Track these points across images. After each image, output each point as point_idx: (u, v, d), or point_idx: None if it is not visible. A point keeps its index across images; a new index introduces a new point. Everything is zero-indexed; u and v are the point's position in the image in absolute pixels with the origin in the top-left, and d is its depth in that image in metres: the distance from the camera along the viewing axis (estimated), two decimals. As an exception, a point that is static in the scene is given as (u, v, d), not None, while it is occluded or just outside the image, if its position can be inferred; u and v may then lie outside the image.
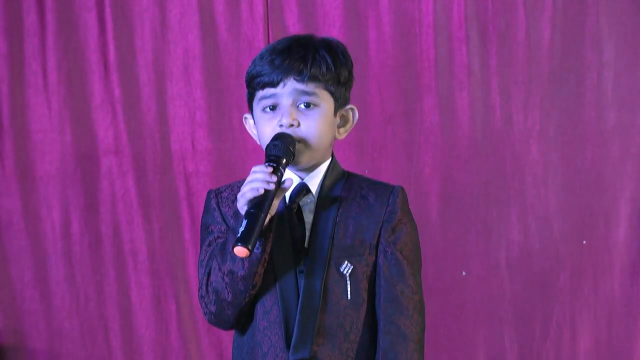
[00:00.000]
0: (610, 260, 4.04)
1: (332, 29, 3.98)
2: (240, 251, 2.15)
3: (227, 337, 3.98)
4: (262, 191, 2.19)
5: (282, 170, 2.24)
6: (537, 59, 4.02)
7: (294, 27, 4.00)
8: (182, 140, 4.00)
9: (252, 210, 2.17)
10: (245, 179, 2.33)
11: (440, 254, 4.00)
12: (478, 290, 4.04)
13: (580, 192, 4.03)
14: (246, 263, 2.24)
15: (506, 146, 4.03)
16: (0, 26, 3.91)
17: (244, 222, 2.15)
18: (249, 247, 2.14)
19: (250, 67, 2.36)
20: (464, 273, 4.03)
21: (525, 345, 4.04)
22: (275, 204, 2.23)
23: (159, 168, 4.00)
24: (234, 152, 4.00)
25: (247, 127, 2.45)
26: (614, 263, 4.04)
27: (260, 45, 3.97)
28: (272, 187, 2.19)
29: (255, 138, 2.40)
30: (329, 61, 2.33)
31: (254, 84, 2.35)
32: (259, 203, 2.18)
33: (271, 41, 3.95)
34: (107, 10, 3.96)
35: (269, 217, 2.22)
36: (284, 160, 2.25)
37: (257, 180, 2.20)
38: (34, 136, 3.94)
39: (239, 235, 2.14)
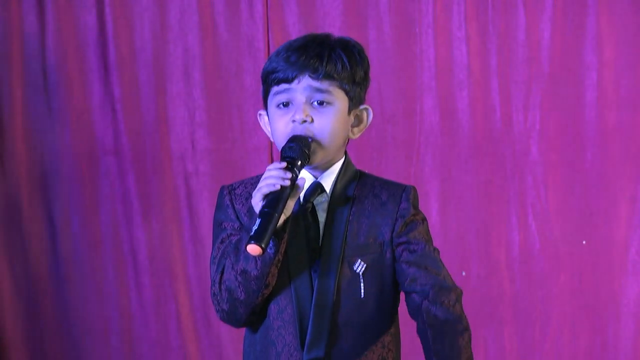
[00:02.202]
0: (610, 260, 4.04)
1: (332, 29, 3.98)
2: (253, 249, 2.15)
3: (227, 337, 3.98)
4: (278, 187, 2.19)
5: (297, 172, 2.24)
6: (537, 59, 4.02)
7: (294, 27, 4.00)
8: (182, 140, 4.00)
9: (266, 209, 2.18)
10: (257, 176, 2.34)
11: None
12: (478, 290, 4.04)
13: (580, 192, 4.03)
14: (259, 263, 2.24)
15: (506, 146, 4.04)
16: (0, 26, 3.91)
17: (258, 221, 2.16)
18: (262, 246, 2.14)
19: (266, 63, 2.37)
20: (463, 273, 4.03)
21: (525, 345, 4.04)
22: (290, 204, 2.23)
23: (158, 168, 4.00)
24: (234, 152, 4.00)
25: (261, 123, 2.44)
26: (614, 263, 4.04)
27: (260, 45, 3.97)
28: (287, 183, 2.20)
29: (269, 134, 2.40)
30: (345, 60, 2.33)
31: (269, 80, 2.36)
32: (274, 201, 2.19)
33: (271, 41, 3.95)
34: (107, 10, 3.95)
35: (283, 217, 2.22)
36: (299, 162, 2.25)
37: (273, 177, 2.21)
38: (34, 136, 3.94)
39: (252, 233, 2.15)
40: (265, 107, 2.40)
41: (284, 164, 2.23)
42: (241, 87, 3.96)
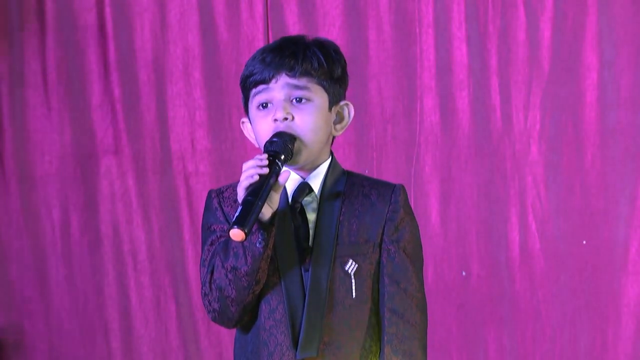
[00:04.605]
0: (610, 260, 4.03)
1: (332, 29, 3.99)
2: (235, 234, 2.15)
3: (227, 337, 3.99)
4: (256, 178, 2.20)
5: (280, 166, 2.25)
6: (537, 59, 4.02)
7: (294, 27, 4.00)
8: (182, 140, 4.00)
9: (248, 198, 2.18)
10: None
11: (440, 254, 4.00)
12: (478, 290, 4.04)
13: (580, 192, 4.03)
14: (249, 259, 2.24)
15: (506, 146, 4.03)
16: (0, 26, 3.91)
17: (240, 208, 2.17)
18: (245, 230, 2.14)
19: (243, 70, 2.38)
20: (464, 273, 4.03)
21: (525, 345, 4.04)
22: (275, 197, 2.24)
23: (158, 168, 4.00)
24: (234, 152, 4.00)
25: (245, 132, 2.45)
26: (614, 263, 4.03)
27: (260, 45, 3.97)
28: (265, 171, 2.21)
29: (254, 141, 2.41)
30: (321, 57, 2.33)
31: (247, 84, 2.36)
32: (255, 190, 2.19)
33: (271, 41, 3.96)
34: (107, 10, 3.96)
35: (270, 210, 2.23)
36: (282, 157, 2.26)
37: (251, 167, 2.22)
38: (34, 136, 3.95)
39: (234, 219, 2.16)
40: (247, 114, 2.41)
41: (264, 156, 2.24)
42: (241, 87, 3.95)
